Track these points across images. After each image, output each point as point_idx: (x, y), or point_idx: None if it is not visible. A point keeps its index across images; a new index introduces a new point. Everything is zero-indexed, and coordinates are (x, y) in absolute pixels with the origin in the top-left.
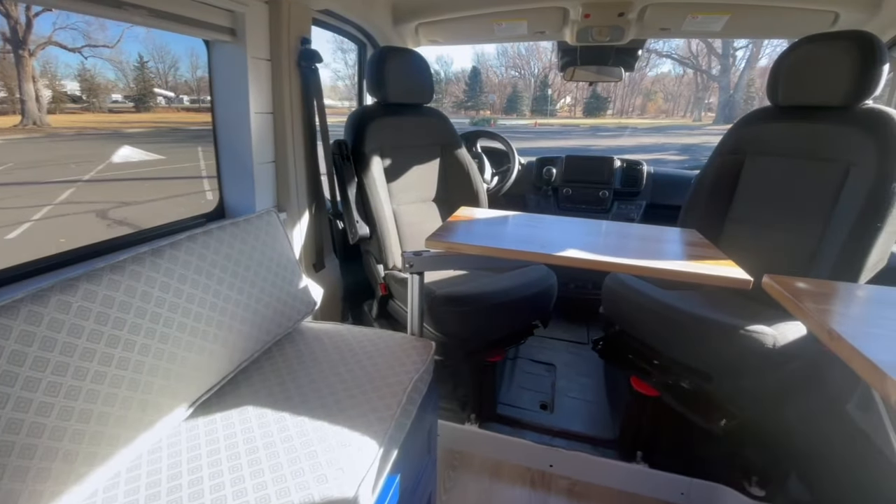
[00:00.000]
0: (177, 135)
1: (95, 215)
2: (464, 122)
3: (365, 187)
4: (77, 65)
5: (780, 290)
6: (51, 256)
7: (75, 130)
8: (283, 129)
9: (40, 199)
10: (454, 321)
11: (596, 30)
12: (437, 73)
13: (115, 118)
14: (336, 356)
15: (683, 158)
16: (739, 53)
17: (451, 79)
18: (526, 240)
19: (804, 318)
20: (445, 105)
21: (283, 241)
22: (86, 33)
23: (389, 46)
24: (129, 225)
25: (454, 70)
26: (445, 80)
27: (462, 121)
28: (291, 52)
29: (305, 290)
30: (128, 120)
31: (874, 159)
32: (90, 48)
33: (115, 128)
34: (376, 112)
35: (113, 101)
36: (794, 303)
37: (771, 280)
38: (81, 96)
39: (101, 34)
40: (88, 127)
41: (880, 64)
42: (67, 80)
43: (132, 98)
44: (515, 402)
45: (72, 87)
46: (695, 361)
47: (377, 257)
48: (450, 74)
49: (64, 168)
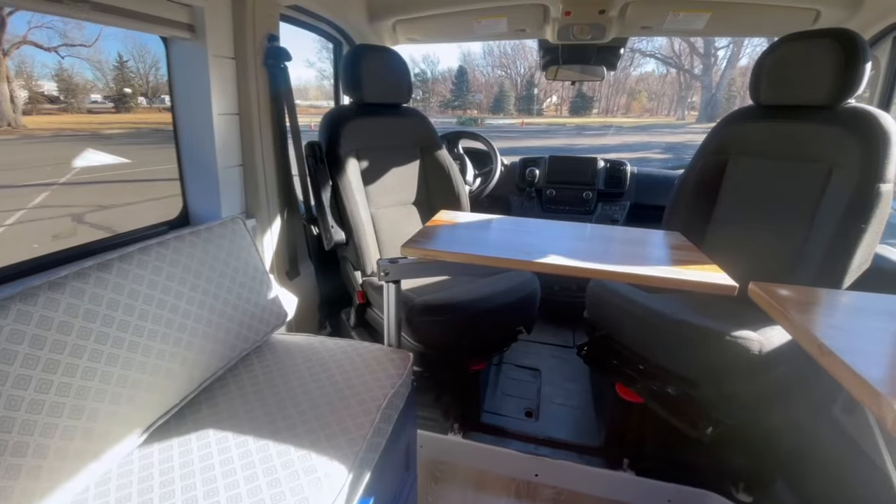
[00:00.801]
0: (158, 135)
1: (71, 219)
2: (451, 122)
3: (340, 191)
4: (54, 64)
5: (767, 300)
6: None
7: (52, 132)
8: (250, 131)
9: (14, 203)
10: (433, 331)
11: (577, 27)
12: (424, 72)
13: (94, 119)
14: (306, 372)
15: (667, 157)
16: (721, 53)
17: (438, 78)
18: (507, 245)
19: (792, 331)
20: (432, 104)
21: (251, 250)
22: (62, 32)
23: (365, 44)
24: (105, 229)
25: (441, 69)
26: (432, 79)
27: (449, 120)
28: (257, 51)
29: (276, 300)
30: (107, 121)
31: (858, 160)
32: (67, 47)
33: (94, 129)
34: (352, 112)
35: (92, 102)
36: (781, 313)
37: (757, 288)
38: (59, 97)
39: (77, 33)
40: (66, 128)
41: (863, 62)
42: (44, 81)
43: (112, 98)
44: (500, 409)
45: (49, 88)
46: (680, 368)
47: (354, 263)
48: (436, 74)
49: (39, 171)
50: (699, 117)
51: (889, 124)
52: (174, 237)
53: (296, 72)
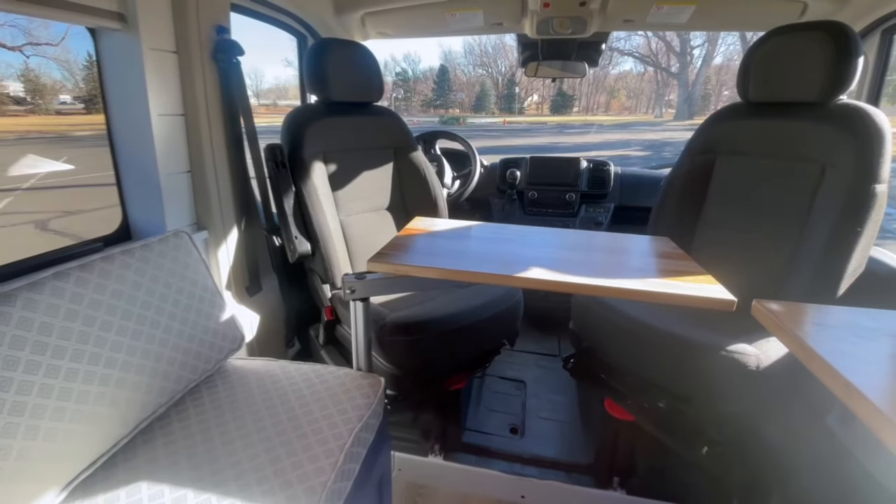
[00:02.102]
0: None
1: (34, 226)
2: (433, 121)
3: (304, 197)
4: (19, 64)
5: (775, 323)
6: None
7: (18, 134)
8: (197, 134)
9: None
10: (407, 351)
11: (557, 21)
12: (405, 71)
13: (63, 120)
14: (262, 405)
15: (647, 154)
16: (696, 52)
17: (420, 77)
18: (486, 257)
19: (810, 364)
20: (415, 104)
21: (198, 267)
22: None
23: (330, 38)
24: (71, 236)
25: (422, 68)
26: (413, 78)
27: (432, 119)
28: (204, 44)
29: (230, 322)
30: (77, 122)
31: (851, 159)
32: (32, 46)
33: (63, 131)
34: (317, 112)
35: (61, 103)
36: (798, 343)
37: (762, 306)
38: (25, 98)
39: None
40: (33, 130)
41: (856, 56)
42: (10, 81)
43: (82, 99)
44: (483, 426)
45: (14, 89)
46: (672, 384)
47: (322, 276)
48: (418, 73)
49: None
50: (676, 115)
51: (882, 122)
52: (101, 258)
53: (274, 70)
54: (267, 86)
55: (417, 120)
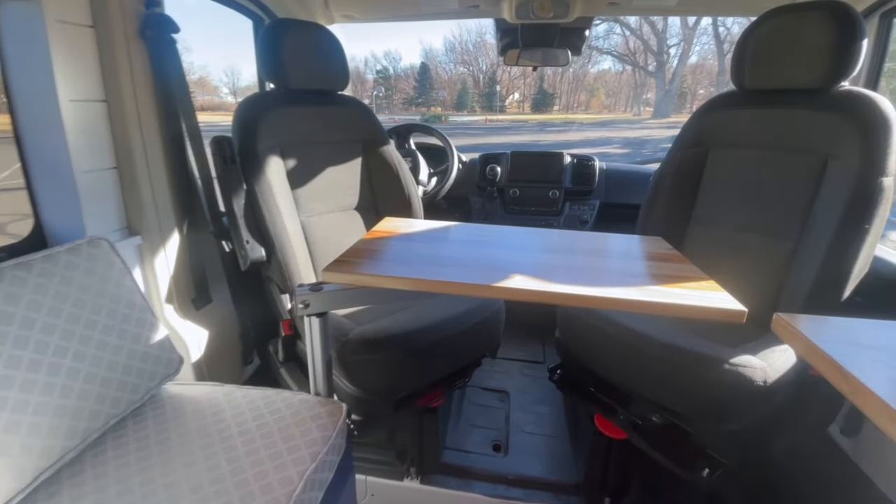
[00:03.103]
0: None
1: None
2: (415, 118)
3: (258, 196)
4: None
5: (807, 345)
6: None
7: None
8: (123, 124)
9: None
10: (374, 371)
11: (537, 4)
12: (386, 69)
13: None
14: (198, 443)
15: (627, 151)
16: (673, 51)
17: (401, 75)
18: (461, 263)
19: (865, 406)
20: (396, 101)
21: (124, 279)
22: None
23: (289, 18)
24: None
25: (403, 66)
26: (394, 76)
27: (413, 117)
28: (129, 18)
29: (164, 343)
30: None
31: (856, 151)
32: None
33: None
34: (273, 100)
35: None
36: (845, 377)
37: (785, 322)
38: None
39: None
40: None
41: (860, 38)
42: None
43: None
44: (463, 444)
45: None
46: (670, 401)
47: (280, 285)
48: (399, 70)
49: None
50: (654, 113)
51: (889, 110)
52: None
53: (254, 67)
54: (245, 83)
55: (399, 118)
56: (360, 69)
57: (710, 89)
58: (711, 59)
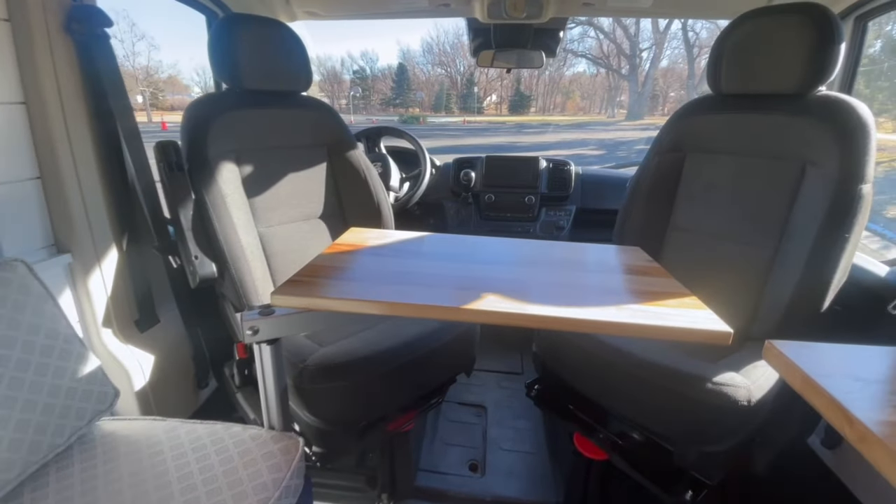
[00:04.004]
0: None
1: None
2: (393, 119)
3: (208, 207)
4: None
5: (805, 381)
6: None
7: None
8: (47, 128)
9: None
10: (336, 401)
11: (510, 3)
12: (363, 69)
13: None
14: (129, 493)
15: (603, 153)
16: (645, 54)
17: (378, 76)
18: (430, 281)
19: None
20: (373, 102)
21: (44, 306)
22: None
23: (243, 13)
24: None
25: (380, 66)
26: (371, 76)
27: (391, 118)
28: (51, 10)
29: (95, 375)
30: None
31: (835, 157)
32: None
33: None
34: (226, 102)
35: None
36: (844, 415)
37: (779, 350)
38: None
39: None
40: None
41: (838, 42)
42: None
43: None
44: (439, 465)
45: None
46: (650, 421)
47: (235, 303)
48: (376, 71)
49: None
50: (628, 115)
51: (867, 115)
52: None
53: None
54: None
55: (376, 119)
56: (337, 69)
57: (681, 92)
58: (682, 63)
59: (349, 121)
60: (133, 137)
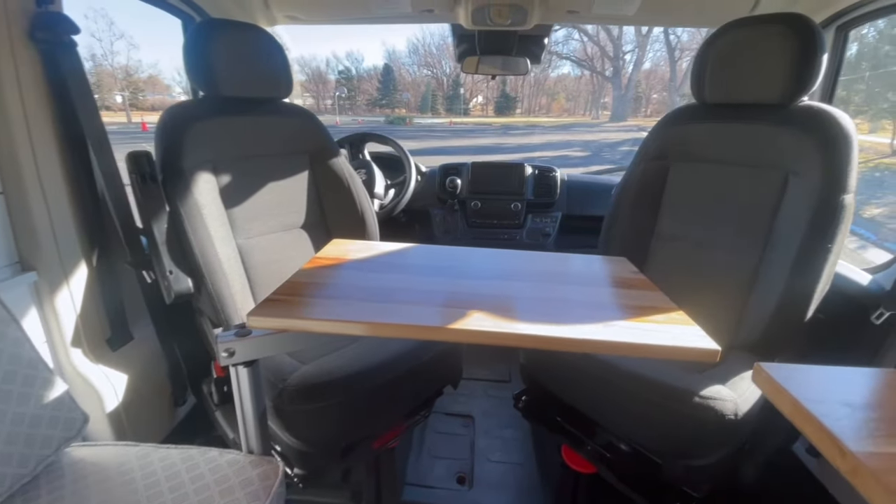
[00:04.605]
0: None
1: None
2: (379, 120)
3: (183, 219)
4: None
5: (798, 410)
6: None
7: None
8: (10, 140)
9: None
10: (318, 422)
11: (494, 10)
12: (349, 69)
13: None
14: None
15: (587, 155)
16: (628, 57)
17: (364, 76)
18: (414, 298)
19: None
20: (359, 103)
21: (6, 329)
22: None
23: (219, 19)
24: None
25: (366, 67)
26: (357, 76)
27: (377, 119)
28: (13, 17)
29: (63, 400)
30: None
31: (818, 168)
32: None
33: None
34: (203, 110)
35: None
36: (836, 446)
37: (769, 374)
38: None
39: None
40: None
41: (820, 53)
42: None
43: None
44: (426, 478)
45: None
46: (637, 435)
47: (213, 318)
48: (361, 71)
49: None
50: (612, 117)
51: (849, 126)
52: None
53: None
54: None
55: (362, 119)
56: (322, 69)
57: (663, 94)
58: (664, 66)
59: (335, 121)
60: (102, 148)
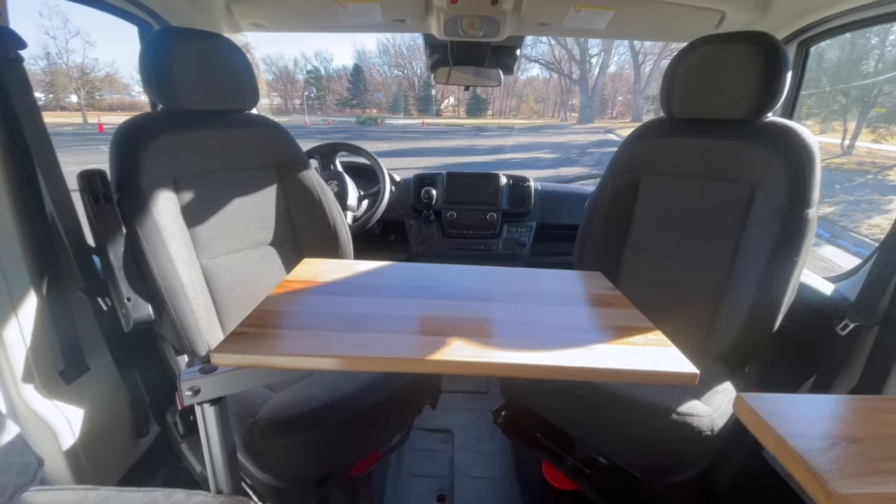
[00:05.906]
0: None
1: None
2: (350, 121)
3: (141, 241)
4: None
5: (788, 452)
6: None
7: None
8: None
9: None
10: (291, 457)
11: (466, 20)
12: (317, 69)
13: None
14: None
15: (557, 156)
16: (594, 60)
17: (333, 76)
18: (388, 325)
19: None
20: (329, 103)
21: None
22: None
23: (178, 27)
24: None
25: (335, 67)
26: (327, 76)
27: (348, 119)
28: None
29: (15, 445)
30: None
31: (783, 183)
32: None
33: None
34: (161, 124)
35: None
36: (822, 488)
37: (751, 406)
38: None
39: None
40: None
41: (785, 70)
42: None
43: None
44: (405, 499)
45: None
46: (616, 452)
47: (176, 345)
48: (331, 71)
49: None
50: (580, 119)
51: (812, 142)
52: None
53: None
54: None
55: (332, 120)
56: (290, 69)
57: (628, 96)
58: (628, 69)
59: (304, 121)
60: (51, 168)
